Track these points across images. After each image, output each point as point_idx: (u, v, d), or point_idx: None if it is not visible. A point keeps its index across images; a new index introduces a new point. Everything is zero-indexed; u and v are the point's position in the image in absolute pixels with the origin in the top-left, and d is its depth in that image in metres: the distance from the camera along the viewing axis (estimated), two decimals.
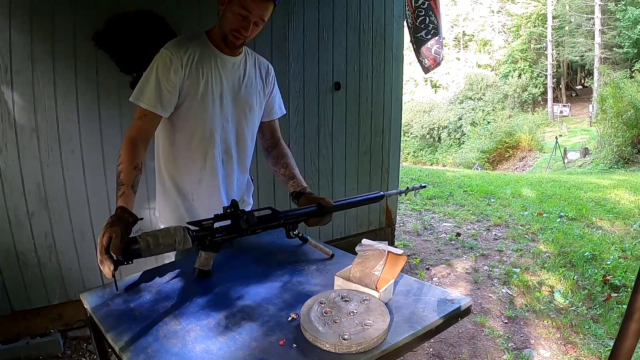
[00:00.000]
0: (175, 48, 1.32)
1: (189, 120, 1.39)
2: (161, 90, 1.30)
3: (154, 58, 1.33)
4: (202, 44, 1.37)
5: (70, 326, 2.31)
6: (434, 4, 3.02)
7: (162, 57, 1.31)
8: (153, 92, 1.29)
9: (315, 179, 2.99)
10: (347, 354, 0.88)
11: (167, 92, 1.31)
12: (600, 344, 2.32)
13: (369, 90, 3.12)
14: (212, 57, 1.38)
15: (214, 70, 1.38)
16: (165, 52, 1.32)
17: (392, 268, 1.11)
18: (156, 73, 1.30)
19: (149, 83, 1.30)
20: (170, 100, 1.33)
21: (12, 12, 1.92)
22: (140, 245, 1.00)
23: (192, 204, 1.47)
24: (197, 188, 1.47)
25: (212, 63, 1.37)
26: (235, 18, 1.28)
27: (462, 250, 3.72)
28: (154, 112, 1.31)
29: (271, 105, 1.58)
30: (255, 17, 1.28)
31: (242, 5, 1.26)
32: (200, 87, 1.36)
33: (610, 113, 11.72)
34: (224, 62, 1.40)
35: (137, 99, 1.31)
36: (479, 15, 30.16)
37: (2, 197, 2.03)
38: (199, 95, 1.36)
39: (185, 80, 1.33)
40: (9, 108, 1.98)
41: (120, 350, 0.90)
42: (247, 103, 1.47)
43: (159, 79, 1.30)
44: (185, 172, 1.45)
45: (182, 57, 1.31)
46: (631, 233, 4.12)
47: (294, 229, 1.30)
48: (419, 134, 23.41)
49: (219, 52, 1.38)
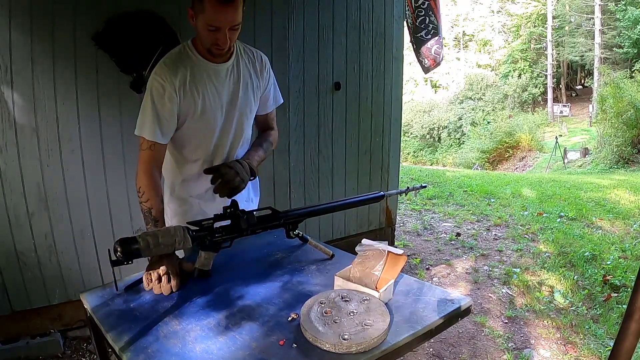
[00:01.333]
0: (166, 73, 1.28)
1: (193, 137, 1.40)
2: (160, 120, 1.30)
3: (147, 85, 1.31)
4: (190, 60, 1.33)
5: (70, 326, 2.31)
6: (434, 4, 3.02)
7: (154, 85, 1.29)
8: (153, 122, 1.29)
9: (315, 179, 2.99)
10: (347, 354, 0.88)
11: (165, 121, 1.31)
12: (600, 344, 2.32)
13: (369, 90, 3.12)
14: (204, 71, 1.34)
15: (209, 85, 1.36)
16: (156, 78, 1.29)
17: (392, 268, 1.11)
18: (152, 103, 1.29)
19: (147, 114, 1.29)
20: (170, 127, 1.33)
21: (12, 12, 1.92)
22: (140, 245, 1.00)
23: (203, 207, 1.49)
24: (204, 195, 1.49)
25: (205, 79, 1.35)
26: (209, 34, 1.24)
27: (462, 250, 3.72)
28: (158, 143, 1.31)
29: (266, 98, 1.55)
30: (227, 25, 1.22)
31: (207, 21, 1.20)
32: (198, 106, 1.35)
33: (610, 113, 11.72)
34: (217, 72, 1.37)
35: (140, 131, 1.31)
36: (479, 15, 30.15)
37: (2, 197, 2.03)
38: (198, 113, 1.36)
39: (182, 103, 1.32)
40: (9, 108, 1.98)
41: (120, 350, 0.90)
42: (246, 105, 1.46)
43: (156, 108, 1.29)
44: (193, 181, 1.48)
45: (174, 82, 1.29)
46: (631, 233, 4.12)
47: (294, 229, 1.30)
48: (419, 134, 23.41)
49: (208, 63, 1.34)
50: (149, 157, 1.31)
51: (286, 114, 2.77)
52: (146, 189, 1.27)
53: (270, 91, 1.56)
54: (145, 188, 1.27)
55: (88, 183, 2.20)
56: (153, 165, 1.31)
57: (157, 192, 1.29)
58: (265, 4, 2.54)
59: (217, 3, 1.18)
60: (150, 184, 1.28)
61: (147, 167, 1.30)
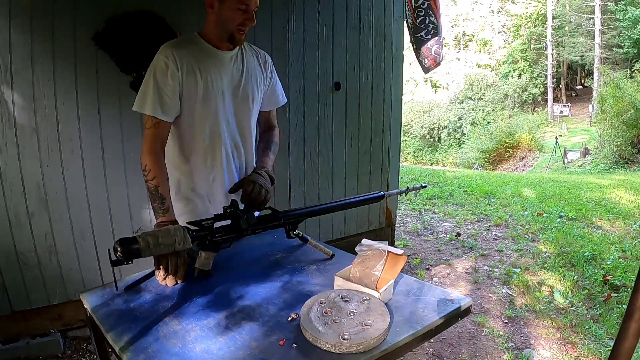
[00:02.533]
0: (170, 51, 1.32)
1: (194, 122, 1.40)
2: (161, 97, 1.31)
3: (151, 64, 1.33)
4: (197, 45, 1.37)
5: (70, 326, 2.31)
6: (434, 4, 3.02)
7: (157, 62, 1.31)
8: (155, 99, 1.30)
9: (315, 179, 2.99)
10: (347, 354, 0.88)
11: (167, 98, 1.32)
12: (600, 344, 2.32)
13: (369, 90, 3.12)
14: (209, 56, 1.38)
15: (213, 69, 1.38)
16: (160, 57, 1.32)
17: (392, 268, 1.11)
18: (154, 79, 1.30)
19: (149, 90, 1.30)
20: (171, 105, 1.33)
21: (12, 12, 1.92)
22: (140, 245, 1.00)
23: (209, 205, 1.48)
24: (212, 187, 1.47)
25: (209, 62, 1.37)
26: (237, 14, 1.30)
27: (462, 250, 3.72)
28: (162, 120, 1.32)
29: (273, 94, 1.59)
30: (254, 5, 1.32)
31: (240, 1, 1.29)
32: (200, 88, 1.36)
33: (610, 113, 11.72)
34: (221, 58, 1.40)
35: (140, 107, 1.31)
36: (479, 15, 30.15)
37: (2, 197, 2.03)
38: (200, 96, 1.36)
39: (184, 82, 1.34)
40: (9, 108, 1.98)
41: (121, 350, 0.90)
42: (248, 95, 1.47)
43: (158, 84, 1.30)
44: (197, 173, 1.47)
45: (176, 61, 1.31)
46: (631, 233, 4.12)
47: (294, 229, 1.30)
48: (419, 134, 23.40)
49: (214, 49, 1.39)
50: (153, 135, 1.32)
51: (286, 114, 2.77)
52: (152, 166, 1.28)
53: (277, 87, 1.59)
54: (150, 165, 1.28)
55: (88, 183, 2.20)
56: (158, 144, 1.32)
57: (162, 169, 1.31)
58: (265, 4, 2.53)
59: None
60: (155, 160, 1.29)
61: (152, 145, 1.31)
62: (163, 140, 1.35)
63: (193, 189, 1.47)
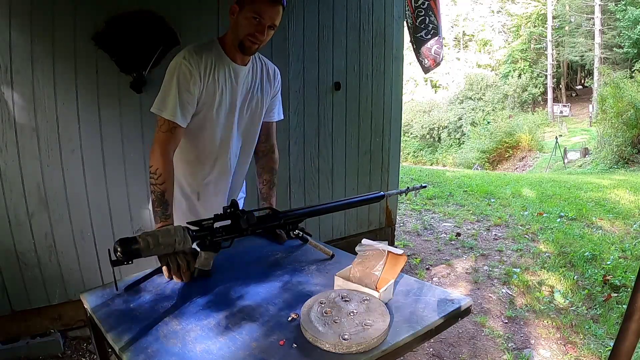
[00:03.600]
0: (194, 59, 1.33)
1: (203, 129, 1.42)
2: (182, 103, 1.32)
3: (170, 67, 1.34)
4: (217, 54, 1.39)
5: (70, 326, 2.31)
6: (433, 4, 3.02)
7: (181, 68, 1.32)
8: (176, 104, 1.31)
9: (315, 179, 2.99)
10: (347, 354, 0.88)
11: (187, 104, 1.33)
12: (600, 344, 2.32)
13: (369, 90, 3.12)
14: (226, 67, 1.40)
15: (228, 80, 1.40)
16: (184, 63, 1.32)
17: (392, 268, 1.11)
18: (177, 85, 1.31)
19: (170, 95, 1.31)
20: (190, 111, 1.36)
21: (12, 12, 1.92)
22: (140, 245, 1.00)
23: (195, 203, 1.50)
24: (204, 188, 1.51)
25: (226, 74, 1.40)
26: (250, 23, 1.32)
27: (462, 250, 3.72)
28: (179, 126, 1.33)
29: (271, 107, 1.60)
30: (268, 21, 1.32)
31: (255, 11, 1.30)
32: (215, 99, 1.39)
33: (610, 113, 11.72)
34: (237, 72, 1.42)
35: (160, 110, 1.32)
36: (479, 15, 30.15)
37: (2, 197, 2.03)
38: (214, 106, 1.39)
39: (203, 91, 1.36)
40: (9, 108, 1.98)
41: (121, 350, 0.90)
42: (256, 108, 1.51)
43: (180, 90, 1.31)
44: (192, 175, 1.50)
45: (200, 69, 1.33)
46: (631, 233, 4.12)
47: (294, 229, 1.30)
48: (419, 134, 23.40)
49: (231, 61, 1.40)
50: (167, 139, 1.32)
51: (286, 114, 2.77)
52: (163, 171, 1.28)
53: (276, 101, 1.60)
54: (162, 170, 1.28)
55: (88, 183, 2.20)
56: (171, 149, 1.33)
57: (172, 174, 1.32)
58: None
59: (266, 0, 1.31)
60: (167, 165, 1.30)
61: (165, 149, 1.31)
62: (176, 145, 1.36)
63: (182, 187, 1.50)
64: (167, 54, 2.22)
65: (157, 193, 1.28)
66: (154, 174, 1.29)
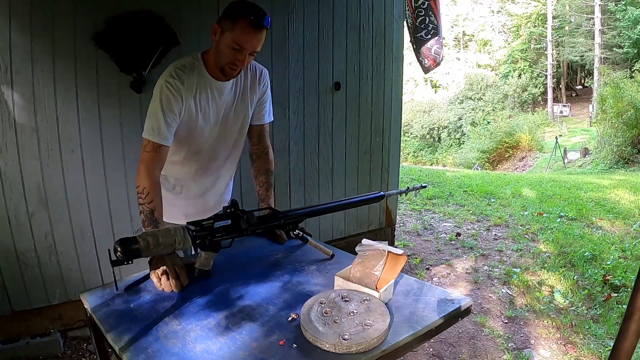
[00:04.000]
0: (176, 82, 1.33)
1: (184, 143, 1.44)
2: (168, 125, 1.33)
3: (155, 90, 1.35)
4: (199, 74, 1.38)
5: (70, 326, 2.31)
6: (433, 4, 3.02)
7: (164, 92, 1.33)
8: (162, 126, 1.32)
9: (315, 179, 2.99)
10: (347, 354, 0.88)
11: (172, 123, 1.35)
12: (600, 344, 2.32)
13: (369, 90, 3.12)
14: (209, 87, 1.40)
15: (211, 100, 1.41)
16: (166, 86, 1.33)
17: (392, 268, 1.11)
18: (162, 108, 1.32)
19: (157, 119, 1.32)
20: (173, 131, 1.37)
21: (12, 12, 1.92)
22: (140, 245, 0.99)
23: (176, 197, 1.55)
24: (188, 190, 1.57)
25: (209, 95, 1.40)
26: (230, 52, 1.29)
27: (462, 250, 3.72)
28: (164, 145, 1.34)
29: (261, 110, 1.58)
30: (250, 49, 1.30)
31: (235, 40, 1.27)
32: (197, 118, 1.40)
33: (610, 113, 11.72)
34: (220, 89, 1.42)
35: (150, 135, 1.33)
36: (479, 15, 30.14)
37: (2, 197, 2.03)
38: (195, 124, 1.41)
39: (184, 112, 1.37)
40: (9, 108, 1.98)
41: (121, 350, 0.90)
42: (240, 117, 1.51)
43: (164, 113, 1.32)
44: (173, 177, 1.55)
45: (182, 92, 1.34)
46: (631, 233, 4.12)
47: (294, 229, 1.30)
48: (419, 134, 23.40)
49: (214, 80, 1.40)
50: (153, 158, 1.33)
51: (286, 114, 2.77)
52: (150, 190, 1.29)
53: (266, 103, 1.58)
54: (149, 189, 1.29)
55: (88, 183, 2.20)
56: (157, 168, 1.34)
57: (159, 193, 1.32)
58: (265, 4, 2.53)
59: (249, 26, 1.26)
60: (153, 184, 1.30)
61: (151, 168, 1.32)
62: (162, 164, 1.36)
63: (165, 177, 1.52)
64: (167, 54, 2.22)
65: (147, 212, 1.28)
66: (142, 193, 1.29)
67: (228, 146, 1.55)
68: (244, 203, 1.20)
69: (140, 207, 1.30)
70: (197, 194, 1.59)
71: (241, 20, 1.25)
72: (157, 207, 1.29)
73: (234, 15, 1.27)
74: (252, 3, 1.30)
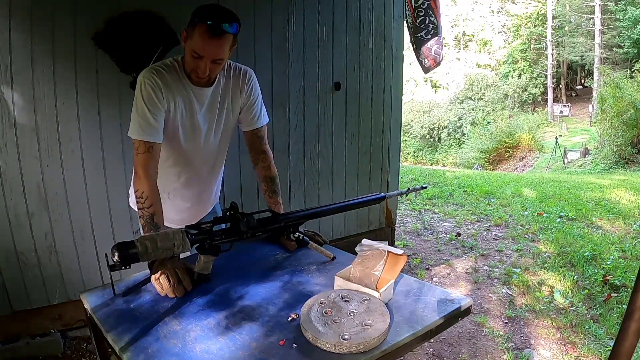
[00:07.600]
0: (155, 79, 1.30)
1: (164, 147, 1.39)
2: (156, 120, 1.30)
3: (135, 91, 1.31)
4: (176, 77, 1.34)
5: (70, 326, 2.31)
6: (434, 4, 3.02)
7: (145, 88, 1.29)
8: (151, 123, 1.29)
9: (315, 179, 2.99)
10: (347, 354, 0.88)
11: (160, 122, 1.32)
12: (600, 344, 2.32)
13: (369, 90, 3.12)
14: (185, 91, 1.35)
15: (187, 105, 1.37)
16: (145, 81, 1.30)
17: (392, 268, 1.11)
18: (145, 104, 1.29)
19: (143, 116, 1.29)
20: (162, 127, 1.33)
21: (12, 12, 1.92)
22: (139, 249, 0.98)
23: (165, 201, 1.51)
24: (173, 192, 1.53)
25: (185, 100, 1.36)
26: (191, 60, 1.27)
27: (462, 250, 3.72)
28: (157, 143, 1.31)
29: (250, 113, 1.51)
30: (209, 57, 1.25)
31: (193, 48, 1.24)
32: (177, 122, 1.36)
33: (610, 113, 11.71)
34: (199, 95, 1.38)
35: (138, 134, 1.29)
36: (479, 15, 30.14)
37: (2, 197, 2.03)
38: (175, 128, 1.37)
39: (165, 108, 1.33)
40: (9, 108, 1.98)
41: (121, 351, 0.90)
42: (222, 122, 1.47)
43: (149, 109, 1.29)
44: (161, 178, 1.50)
45: (162, 88, 1.30)
46: (631, 233, 4.12)
47: (294, 231, 1.29)
48: (419, 134, 23.39)
49: (192, 86, 1.36)
50: (147, 159, 1.29)
51: (286, 114, 2.77)
52: (149, 194, 1.25)
53: (255, 107, 1.51)
54: (148, 193, 1.25)
55: (88, 183, 2.20)
56: (153, 168, 1.30)
57: (158, 196, 1.28)
58: (265, 4, 2.54)
59: (205, 34, 1.21)
60: (152, 187, 1.27)
61: (147, 170, 1.28)
62: (156, 163, 1.32)
63: None
64: (167, 54, 2.22)
65: (147, 217, 1.24)
66: (141, 198, 1.25)
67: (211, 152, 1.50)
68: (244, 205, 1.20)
69: (139, 212, 1.27)
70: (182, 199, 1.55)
71: (199, 26, 1.20)
72: (157, 212, 1.25)
73: (194, 20, 1.23)
74: (220, 7, 1.25)
